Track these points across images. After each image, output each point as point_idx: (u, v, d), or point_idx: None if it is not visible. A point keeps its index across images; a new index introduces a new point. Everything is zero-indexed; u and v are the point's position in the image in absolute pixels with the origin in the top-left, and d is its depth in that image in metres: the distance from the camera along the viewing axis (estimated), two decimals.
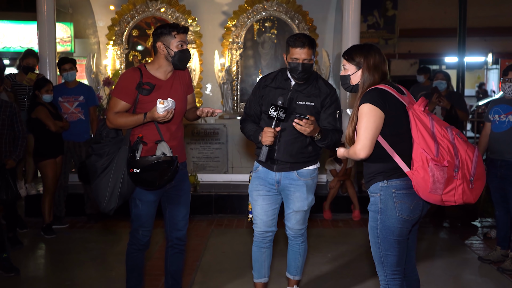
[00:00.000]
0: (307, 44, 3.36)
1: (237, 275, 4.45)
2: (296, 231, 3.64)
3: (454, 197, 2.70)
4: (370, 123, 2.71)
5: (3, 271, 4.40)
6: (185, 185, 3.52)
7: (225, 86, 7.48)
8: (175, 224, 3.51)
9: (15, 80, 6.40)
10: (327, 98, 3.46)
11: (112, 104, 3.30)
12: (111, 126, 3.28)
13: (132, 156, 3.17)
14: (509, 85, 4.62)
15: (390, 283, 2.84)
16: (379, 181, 2.81)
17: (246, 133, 3.58)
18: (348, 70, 2.91)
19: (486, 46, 19.11)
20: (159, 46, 3.29)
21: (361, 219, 6.18)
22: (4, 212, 5.13)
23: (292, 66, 3.39)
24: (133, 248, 3.45)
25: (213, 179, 6.94)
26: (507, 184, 4.61)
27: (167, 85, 3.35)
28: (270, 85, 3.53)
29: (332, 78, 7.65)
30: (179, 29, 3.28)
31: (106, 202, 3.24)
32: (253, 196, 3.59)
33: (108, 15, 7.89)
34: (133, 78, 3.27)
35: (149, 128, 3.29)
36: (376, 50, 2.87)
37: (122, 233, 5.65)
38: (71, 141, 5.88)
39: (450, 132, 2.73)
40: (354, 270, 4.57)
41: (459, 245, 5.37)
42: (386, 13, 16.88)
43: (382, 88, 2.78)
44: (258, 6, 7.62)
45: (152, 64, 3.36)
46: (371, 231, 2.87)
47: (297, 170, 3.50)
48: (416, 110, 2.76)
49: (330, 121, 3.45)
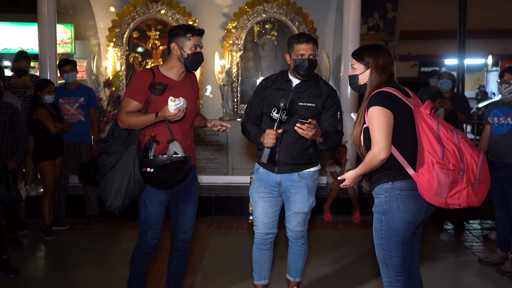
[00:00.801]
0: (311, 39, 3.43)
1: (237, 276, 4.45)
2: (296, 233, 3.64)
3: (458, 200, 2.72)
4: (382, 123, 2.71)
5: (3, 272, 4.40)
6: (194, 188, 3.53)
7: (225, 88, 7.49)
8: (181, 227, 3.51)
9: (9, 83, 6.39)
10: (328, 100, 3.47)
11: (124, 104, 3.30)
12: (123, 126, 3.29)
13: (145, 155, 3.16)
14: (505, 86, 4.64)
15: (394, 285, 2.84)
16: (384, 182, 2.81)
17: (247, 135, 3.59)
18: (356, 70, 2.92)
19: (486, 48, 19.14)
20: (173, 47, 3.30)
21: (361, 221, 6.18)
22: (4, 213, 5.12)
23: (297, 62, 3.41)
24: (140, 251, 3.43)
25: (213, 180, 6.95)
26: (507, 186, 4.62)
27: (179, 85, 3.36)
28: (271, 86, 3.54)
29: (332, 80, 7.66)
30: (194, 31, 3.31)
31: (111, 201, 3.23)
32: (254, 198, 3.60)
33: (109, 16, 7.90)
34: (145, 78, 3.28)
35: (161, 128, 3.30)
36: (385, 51, 2.88)
37: (122, 234, 5.66)
38: (71, 143, 5.88)
39: (455, 135, 2.75)
40: (354, 272, 4.57)
41: (459, 247, 5.38)
42: (386, 15, 16.90)
43: (387, 90, 2.79)
44: (259, 8, 7.62)
45: (165, 65, 3.38)
46: (375, 233, 2.87)
47: (298, 172, 3.50)
48: (422, 113, 2.77)
49: (331, 123, 3.46)
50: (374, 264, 4.61)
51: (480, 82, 22.40)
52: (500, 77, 4.71)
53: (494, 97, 18.32)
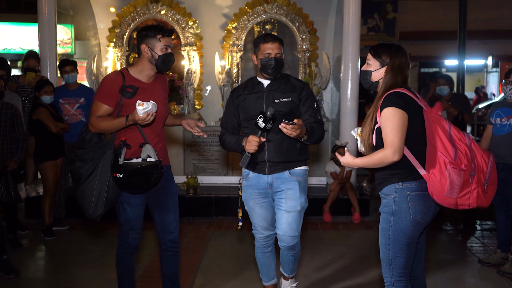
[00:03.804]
0: (277, 39, 3.48)
1: (237, 277, 4.45)
2: (288, 239, 3.47)
3: (468, 201, 2.73)
4: (397, 125, 2.68)
5: (3, 273, 4.41)
6: (172, 187, 3.50)
7: (226, 89, 7.48)
8: (166, 228, 3.49)
9: (18, 82, 6.41)
10: (303, 92, 3.50)
11: (95, 108, 3.25)
12: (94, 131, 3.25)
13: (115, 160, 3.14)
14: (510, 87, 4.63)
15: (396, 285, 2.84)
16: (393, 182, 2.80)
17: (227, 146, 3.53)
18: (371, 66, 2.88)
19: (486, 49, 19.12)
20: (143, 49, 3.26)
21: (361, 221, 6.19)
22: (4, 214, 5.12)
23: (264, 62, 3.45)
24: (124, 252, 3.42)
25: (213, 181, 6.95)
26: (508, 187, 4.62)
27: (150, 87, 3.34)
28: (243, 93, 3.55)
29: (332, 80, 7.67)
30: (164, 32, 3.26)
31: (93, 209, 3.20)
32: (250, 205, 3.57)
33: (109, 17, 7.90)
34: (115, 81, 3.24)
35: (134, 131, 3.27)
36: (403, 53, 2.85)
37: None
38: (71, 143, 5.87)
39: (467, 136, 2.77)
40: (354, 272, 4.57)
41: (459, 248, 5.38)
42: (386, 16, 16.88)
43: (402, 91, 2.77)
44: (259, 8, 7.62)
45: (136, 67, 3.34)
46: (382, 233, 2.86)
47: (289, 170, 3.48)
48: (434, 114, 2.78)
49: (311, 114, 3.48)
50: (373, 264, 4.61)
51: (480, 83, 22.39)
52: (505, 78, 4.70)
53: (493, 98, 18.31)
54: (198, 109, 7.73)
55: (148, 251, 5.06)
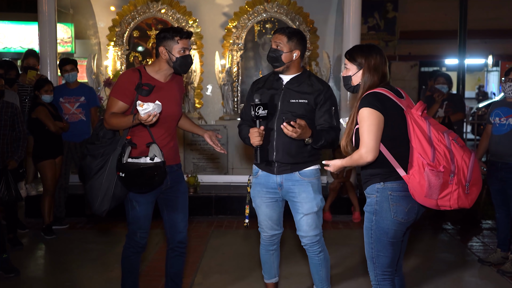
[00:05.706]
0: (278, 30, 3.41)
1: (237, 276, 4.45)
2: (310, 238, 3.49)
3: (449, 202, 2.72)
4: (372, 125, 2.70)
5: (3, 272, 4.40)
6: (182, 187, 3.50)
7: (226, 87, 7.49)
8: (175, 227, 3.48)
9: (18, 81, 6.40)
10: (321, 95, 3.39)
11: (109, 104, 3.27)
12: (107, 127, 3.26)
13: (119, 159, 3.14)
14: (510, 85, 4.62)
15: (381, 283, 2.86)
16: (375, 182, 2.82)
17: (242, 138, 3.56)
18: (349, 70, 2.90)
19: (486, 48, 19.12)
20: (161, 51, 3.26)
21: (361, 221, 6.17)
22: (4, 213, 5.12)
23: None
24: (130, 251, 3.42)
25: (213, 180, 6.94)
26: (507, 186, 4.61)
27: (166, 87, 3.34)
28: (263, 87, 3.51)
29: (332, 79, 7.66)
30: (182, 35, 3.25)
31: (99, 203, 3.21)
32: (257, 202, 3.55)
33: (109, 16, 7.90)
34: (132, 79, 3.24)
35: (144, 130, 3.27)
36: (377, 51, 2.86)
37: (122, 234, 5.63)
38: (71, 142, 5.88)
39: (446, 137, 2.73)
40: (354, 271, 4.57)
41: (459, 247, 5.37)
42: (387, 15, 16.88)
43: (379, 92, 2.78)
44: (259, 7, 7.62)
45: (152, 66, 3.34)
46: (365, 231, 2.89)
47: (299, 171, 3.43)
48: (413, 114, 2.75)
49: (326, 119, 3.39)
50: None
51: (480, 82, 22.40)
52: (505, 75, 4.69)
53: (494, 97, 18.31)
54: (198, 108, 7.74)
55: (149, 250, 5.05)
